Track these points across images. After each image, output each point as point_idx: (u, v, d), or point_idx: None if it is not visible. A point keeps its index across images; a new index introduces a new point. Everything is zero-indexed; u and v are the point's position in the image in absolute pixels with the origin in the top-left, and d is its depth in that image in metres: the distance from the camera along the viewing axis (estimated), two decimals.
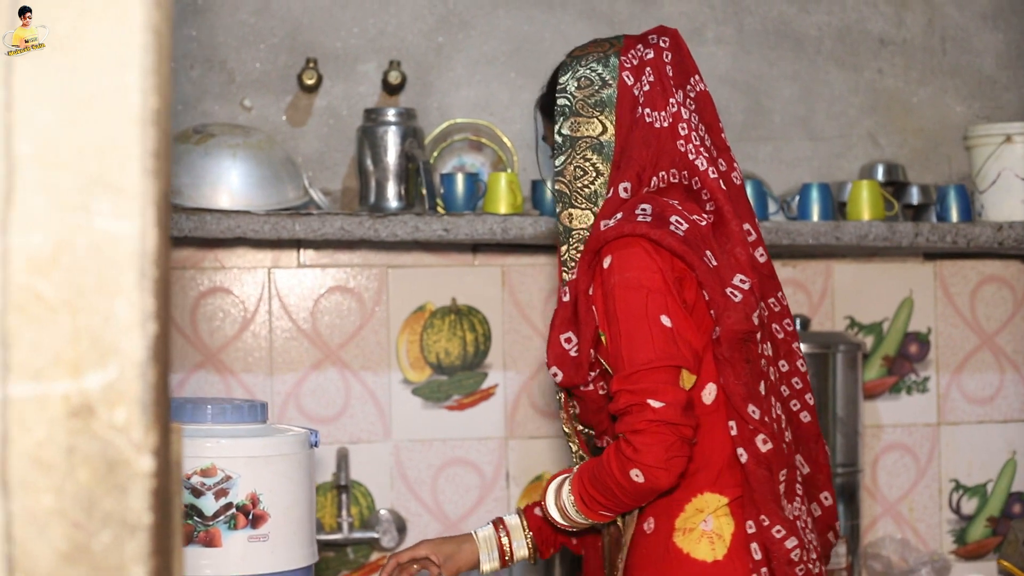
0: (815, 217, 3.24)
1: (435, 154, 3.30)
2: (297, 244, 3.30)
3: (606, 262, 2.09)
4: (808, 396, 2.30)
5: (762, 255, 2.24)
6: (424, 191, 3.09)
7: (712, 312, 2.08)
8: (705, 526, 2.12)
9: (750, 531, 2.11)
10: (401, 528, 3.32)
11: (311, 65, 3.24)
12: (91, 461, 1.02)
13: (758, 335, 2.12)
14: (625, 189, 2.14)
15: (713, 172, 2.16)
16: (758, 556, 2.11)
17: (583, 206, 2.19)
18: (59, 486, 1.01)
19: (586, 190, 2.19)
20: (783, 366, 2.27)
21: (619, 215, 2.10)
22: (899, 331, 3.56)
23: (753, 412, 2.08)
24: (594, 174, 2.18)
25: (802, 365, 2.30)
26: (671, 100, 2.18)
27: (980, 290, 3.60)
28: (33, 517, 1.01)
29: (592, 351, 2.12)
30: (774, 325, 2.26)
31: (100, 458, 1.02)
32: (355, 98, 3.35)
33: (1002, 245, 3.24)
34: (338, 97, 3.35)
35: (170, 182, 1.06)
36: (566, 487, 2.17)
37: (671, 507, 2.14)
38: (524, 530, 2.31)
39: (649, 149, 2.16)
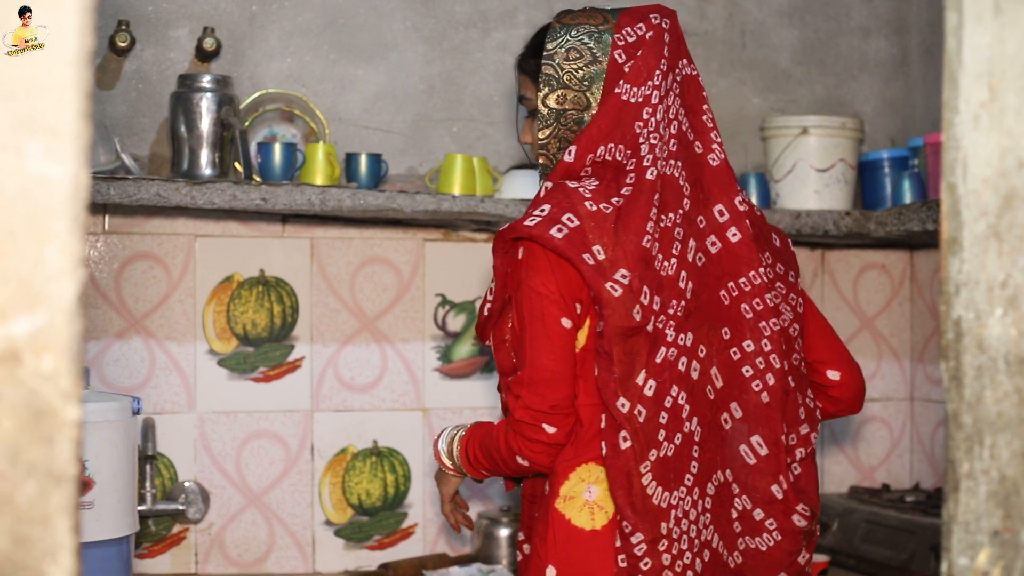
0: None
1: (247, 123, 3.26)
2: (103, 209, 3.21)
3: (519, 253, 2.15)
4: (769, 376, 2.21)
5: (735, 235, 2.22)
6: (240, 160, 3.05)
7: (597, 307, 2.10)
8: (588, 495, 2.14)
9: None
10: (206, 499, 3.27)
11: (124, 27, 3.16)
12: (16, 410, 0.99)
13: (650, 328, 2.11)
14: (570, 153, 2.19)
15: (649, 160, 2.15)
16: (619, 543, 2.13)
17: None
18: None
19: None
20: (748, 346, 2.21)
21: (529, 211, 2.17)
22: None
23: (623, 406, 2.08)
24: None
25: (767, 344, 2.22)
26: (650, 82, 2.18)
27: None
28: None
29: (487, 313, 2.23)
30: (743, 305, 2.21)
31: (26, 407, 0.99)
32: (166, 63, 3.28)
33: (799, 232, 3.38)
34: (148, 62, 3.28)
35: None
36: (457, 440, 2.30)
37: (557, 475, 2.17)
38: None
39: (608, 120, 2.18)
